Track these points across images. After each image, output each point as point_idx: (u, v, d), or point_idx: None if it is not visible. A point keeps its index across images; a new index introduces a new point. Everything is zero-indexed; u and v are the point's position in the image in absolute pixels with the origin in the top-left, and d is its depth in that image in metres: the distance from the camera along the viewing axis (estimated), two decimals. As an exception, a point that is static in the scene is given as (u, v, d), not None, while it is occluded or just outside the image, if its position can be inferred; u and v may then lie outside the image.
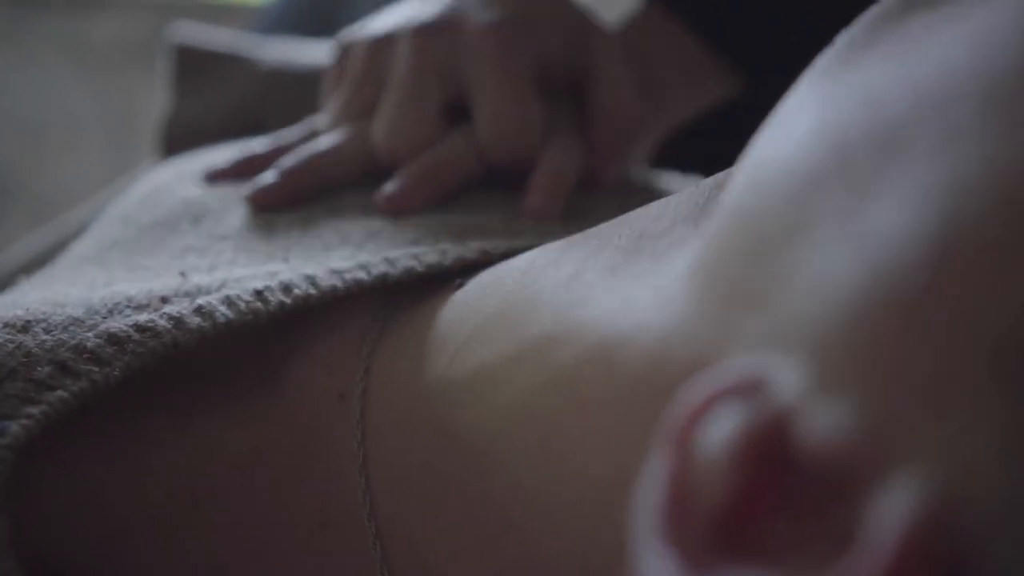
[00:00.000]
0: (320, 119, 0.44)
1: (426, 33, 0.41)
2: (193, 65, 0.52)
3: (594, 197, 0.41)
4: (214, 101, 0.52)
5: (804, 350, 0.17)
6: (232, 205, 0.38)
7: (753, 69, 0.50)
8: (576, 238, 0.28)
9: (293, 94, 0.51)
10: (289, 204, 0.38)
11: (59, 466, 0.29)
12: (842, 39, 0.22)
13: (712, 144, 0.37)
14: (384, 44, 0.42)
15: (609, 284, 0.24)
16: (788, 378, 0.17)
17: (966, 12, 0.19)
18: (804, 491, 0.16)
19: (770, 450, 0.16)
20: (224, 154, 0.42)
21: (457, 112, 0.41)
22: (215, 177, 0.40)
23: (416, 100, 0.40)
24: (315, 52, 0.54)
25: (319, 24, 0.84)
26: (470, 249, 0.33)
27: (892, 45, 0.20)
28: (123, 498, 0.29)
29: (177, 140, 0.51)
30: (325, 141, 0.40)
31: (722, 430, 0.16)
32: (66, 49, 1.75)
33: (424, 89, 0.40)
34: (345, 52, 0.44)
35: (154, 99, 0.55)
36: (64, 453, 0.29)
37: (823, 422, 0.16)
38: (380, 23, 0.43)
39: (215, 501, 0.30)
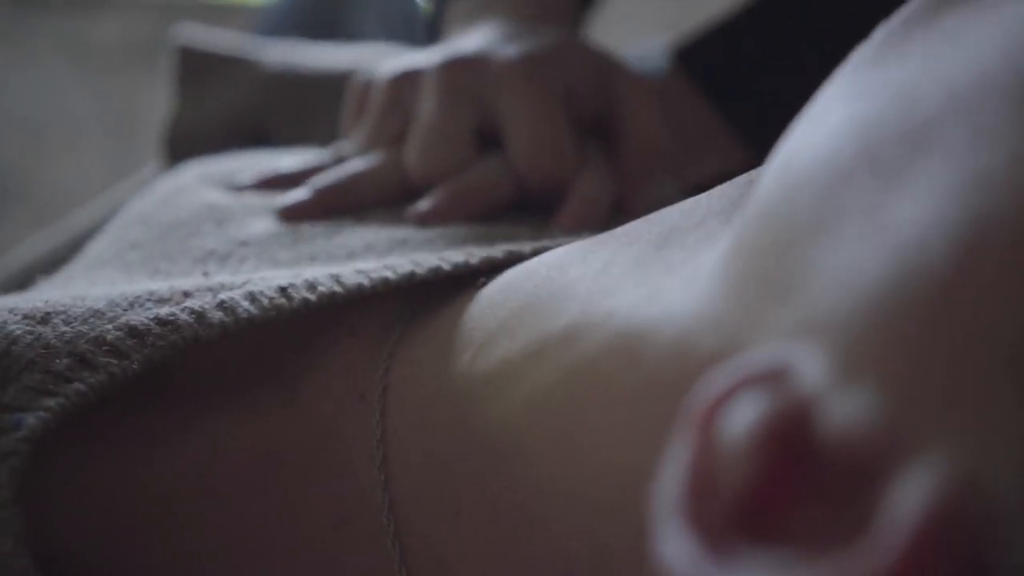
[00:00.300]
0: (346, 146, 0.44)
1: (455, 65, 0.41)
2: (196, 67, 0.52)
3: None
4: (217, 103, 0.52)
5: (828, 340, 0.17)
6: (255, 212, 0.38)
7: (762, 144, 0.51)
8: (605, 235, 0.28)
9: (296, 96, 0.51)
10: (318, 220, 0.38)
11: (72, 460, 0.29)
12: (878, 34, 0.22)
13: None
14: (409, 78, 0.42)
15: (638, 277, 0.25)
16: (811, 367, 0.17)
17: (999, 6, 0.19)
18: (825, 478, 0.16)
19: (792, 437, 0.16)
20: (244, 165, 0.42)
21: (486, 143, 0.41)
22: (239, 190, 0.40)
23: (449, 126, 0.41)
24: (318, 54, 0.54)
25: (320, 25, 0.84)
26: (497, 250, 0.33)
27: (926, 41, 0.20)
28: (136, 495, 0.29)
29: (180, 142, 0.51)
30: (358, 163, 0.41)
31: (745, 416, 0.16)
32: (66, 49, 1.75)
33: (456, 115, 0.41)
34: (365, 88, 0.44)
35: (155, 99, 0.55)
36: (78, 447, 0.29)
37: (845, 410, 0.16)
38: (402, 61, 0.44)
39: (229, 499, 0.30)
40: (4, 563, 0.25)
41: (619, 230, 0.28)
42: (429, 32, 0.60)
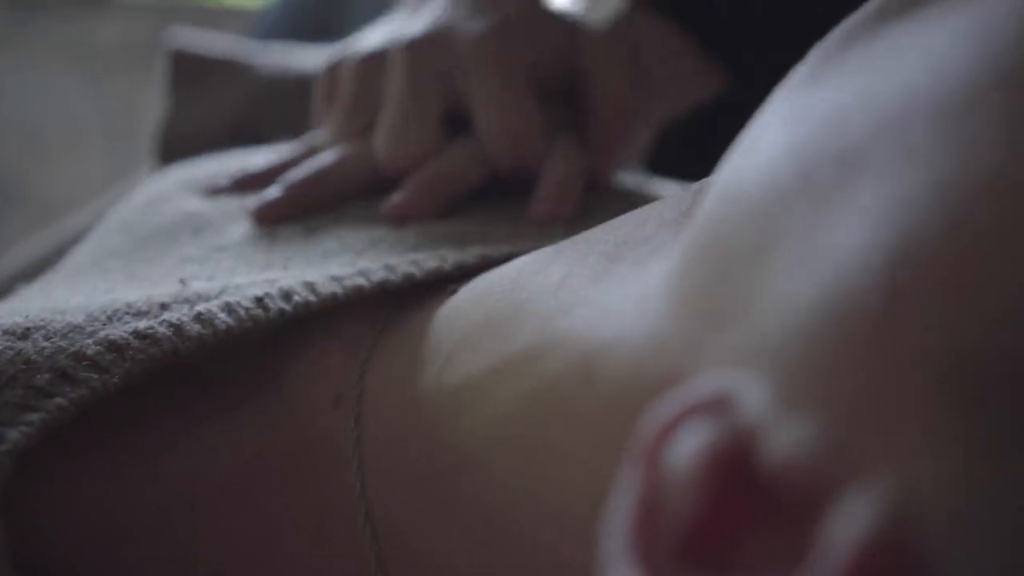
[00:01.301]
0: (317, 137, 0.44)
1: (418, 46, 0.41)
2: (190, 71, 0.52)
3: (599, 197, 0.41)
4: (211, 107, 0.52)
5: (769, 367, 0.17)
6: (233, 217, 0.38)
7: (739, 67, 0.51)
8: (566, 244, 0.28)
9: (291, 100, 0.51)
10: (292, 218, 0.38)
11: (56, 473, 0.29)
12: (814, 53, 0.22)
13: (704, 151, 0.37)
14: (375, 61, 0.42)
15: (591, 293, 0.25)
16: (753, 395, 0.17)
17: (929, 25, 0.19)
18: (768, 508, 0.16)
19: (735, 467, 0.16)
20: (223, 167, 0.42)
21: (456, 122, 0.41)
22: (215, 194, 0.40)
23: (416, 112, 0.40)
24: (313, 58, 0.54)
25: (315, 28, 0.85)
26: (470, 254, 0.33)
27: (860, 60, 0.20)
28: (121, 505, 0.29)
29: (174, 146, 0.51)
30: (328, 156, 0.41)
31: (689, 447, 0.16)
32: (66, 52, 1.75)
33: (423, 100, 0.40)
34: (333, 72, 0.44)
35: (154, 102, 0.55)
36: (62, 460, 0.29)
37: (785, 439, 0.16)
38: (367, 42, 0.43)
39: (213, 507, 0.30)
40: None
41: (578, 238, 0.28)
42: None
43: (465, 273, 0.32)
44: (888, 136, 0.17)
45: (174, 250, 0.36)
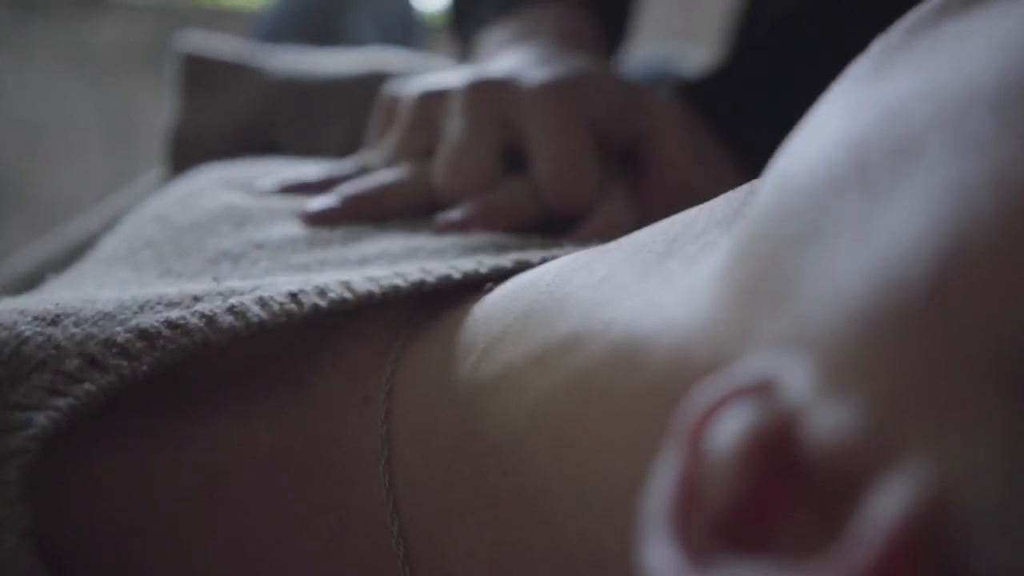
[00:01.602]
0: (371, 157, 0.44)
1: (483, 87, 0.42)
2: (200, 75, 0.52)
3: None
4: (221, 111, 0.52)
5: (814, 351, 0.17)
6: (278, 216, 0.38)
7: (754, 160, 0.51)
8: (610, 245, 0.28)
9: (301, 103, 0.51)
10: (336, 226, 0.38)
11: (80, 460, 0.29)
12: (876, 46, 0.22)
13: None
14: (437, 96, 0.43)
15: (639, 286, 0.25)
16: (798, 379, 0.17)
17: (992, 20, 0.19)
18: (809, 489, 0.16)
19: (777, 449, 0.16)
20: (264, 171, 0.42)
21: (512, 165, 0.42)
22: (262, 195, 0.41)
23: (476, 143, 0.41)
24: (322, 61, 0.54)
25: (317, 28, 0.85)
26: (507, 259, 0.33)
27: (920, 53, 0.20)
28: (142, 496, 0.29)
29: (184, 150, 0.51)
30: (386, 175, 0.41)
31: (732, 429, 0.17)
32: (66, 53, 1.75)
33: (484, 134, 0.41)
34: (393, 102, 0.45)
35: (154, 103, 0.55)
36: (85, 447, 0.29)
37: (828, 422, 0.16)
38: (432, 80, 0.44)
39: (234, 502, 0.30)
40: (8, 560, 0.25)
41: (623, 240, 0.28)
42: (458, 44, 0.60)
43: (501, 277, 0.32)
44: (945, 125, 0.18)
45: (211, 243, 0.36)
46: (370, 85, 0.52)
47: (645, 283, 0.25)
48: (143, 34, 1.73)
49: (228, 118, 0.51)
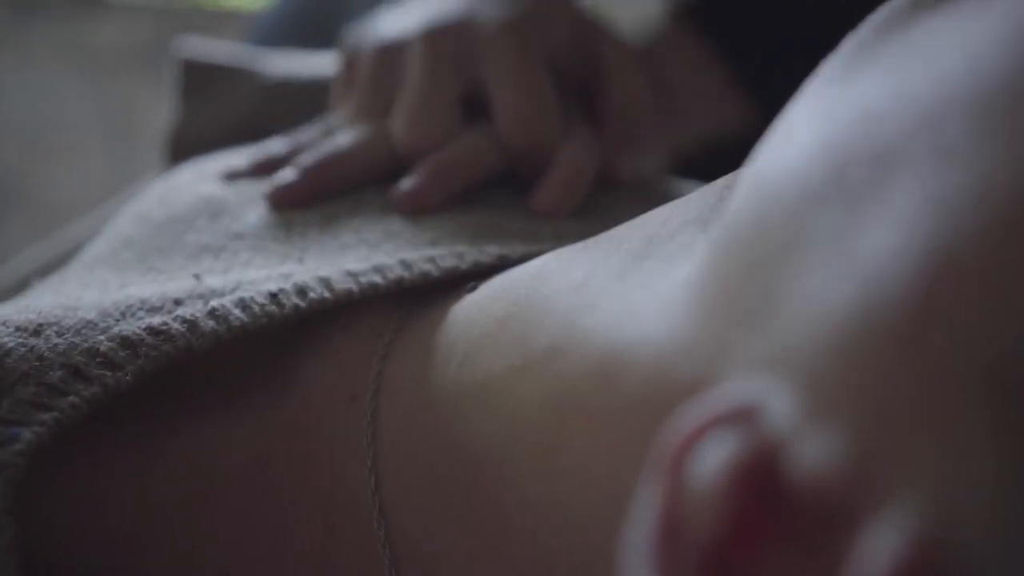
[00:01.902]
0: (335, 120, 0.44)
1: (439, 33, 0.41)
2: (199, 79, 0.52)
3: (612, 195, 0.41)
4: (220, 114, 0.52)
5: (796, 376, 0.16)
6: (252, 201, 0.38)
7: (771, 96, 0.51)
8: (589, 242, 0.28)
9: (299, 106, 0.51)
10: (309, 202, 0.38)
11: (64, 470, 0.29)
12: (847, 44, 0.21)
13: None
14: (394, 48, 0.42)
15: (616, 291, 0.24)
16: (780, 405, 0.16)
17: (967, 17, 0.19)
18: (795, 523, 0.16)
19: (760, 481, 0.16)
20: (242, 155, 0.42)
21: (473, 110, 0.41)
22: (233, 177, 0.40)
23: (434, 96, 0.40)
24: (320, 64, 0.54)
25: (313, 31, 0.84)
26: (487, 254, 0.33)
27: (894, 52, 0.20)
28: (127, 503, 0.29)
29: (183, 153, 0.51)
30: (345, 139, 0.40)
31: (713, 459, 0.16)
32: (65, 53, 1.74)
33: (441, 84, 0.40)
34: (353, 57, 0.44)
35: (154, 104, 0.55)
36: (69, 456, 0.29)
37: (813, 452, 0.16)
38: (386, 28, 0.43)
39: (222, 505, 0.30)
40: None
41: (602, 236, 0.28)
42: None
43: (482, 271, 0.32)
44: (924, 134, 0.17)
45: (190, 238, 0.36)
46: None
47: (623, 285, 0.24)
48: (143, 35, 1.72)
49: (226, 121, 0.51)
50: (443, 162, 0.39)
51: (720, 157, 0.51)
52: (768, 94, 0.51)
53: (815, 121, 0.20)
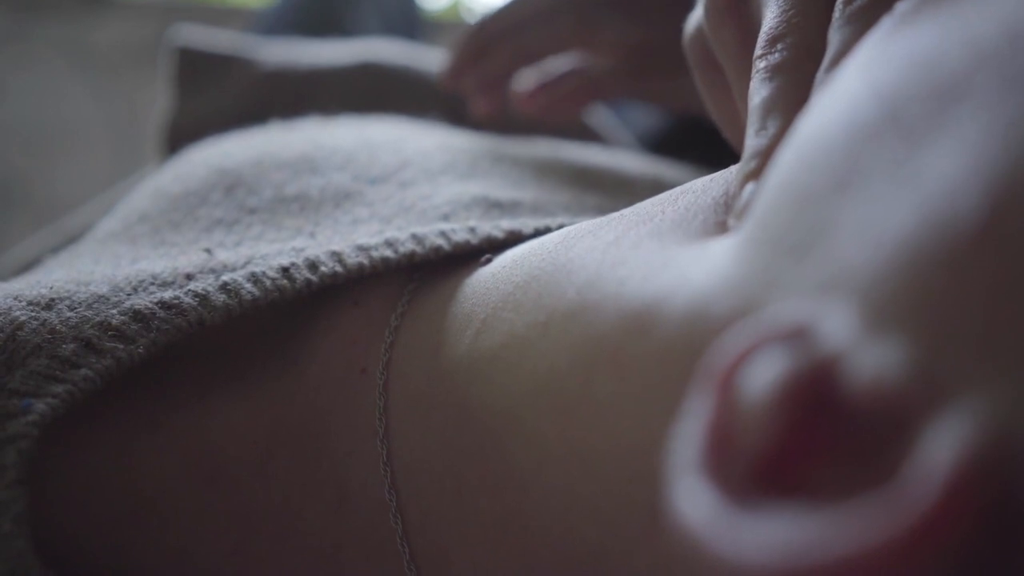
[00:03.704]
0: None
1: None
2: (195, 67, 0.52)
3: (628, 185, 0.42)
4: (215, 103, 0.52)
5: (854, 294, 0.17)
6: (266, 175, 0.38)
7: None
8: (614, 215, 0.28)
9: (294, 94, 0.51)
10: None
11: (73, 444, 0.29)
12: (899, 7, 0.22)
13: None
14: None
15: (651, 248, 0.25)
16: (836, 323, 0.17)
17: None
18: (851, 432, 0.16)
19: (816, 393, 0.16)
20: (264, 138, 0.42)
21: None
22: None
23: None
24: (315, 51, 0.54)
25: (319, 24, 0.84)
26: (499, 228, 0.33)
27: (942, 10, 0.20)
28: (137, 478, 0.29)
29: (178, 142, 0.52)
30: None
31: (767, 374, 0.16)
32: (68, 52, 1.75)
33: None
34: None
35: (157, 102, 0.55)
36: (79, 430, 0.29)
37: (873, 363, 0.16)
38: None
39: (232, 480, 0.30)
40: (1, 545, 0.25)
41: (626, 210, 0.28)
42: None
43: (495, 246, 0.32)
44: (988, 68, 0.18)
45: (204, 211, 0.36)
46: (363, 75, 0.52)
47: (658, 245, 0.24)
48: (146, 32, 1.73)
49: (222, 109, 0.51)
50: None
51: None
52: None
53: (861, 75, 0.21)
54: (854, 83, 0.21)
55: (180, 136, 0.52)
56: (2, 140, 1.75)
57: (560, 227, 0.32)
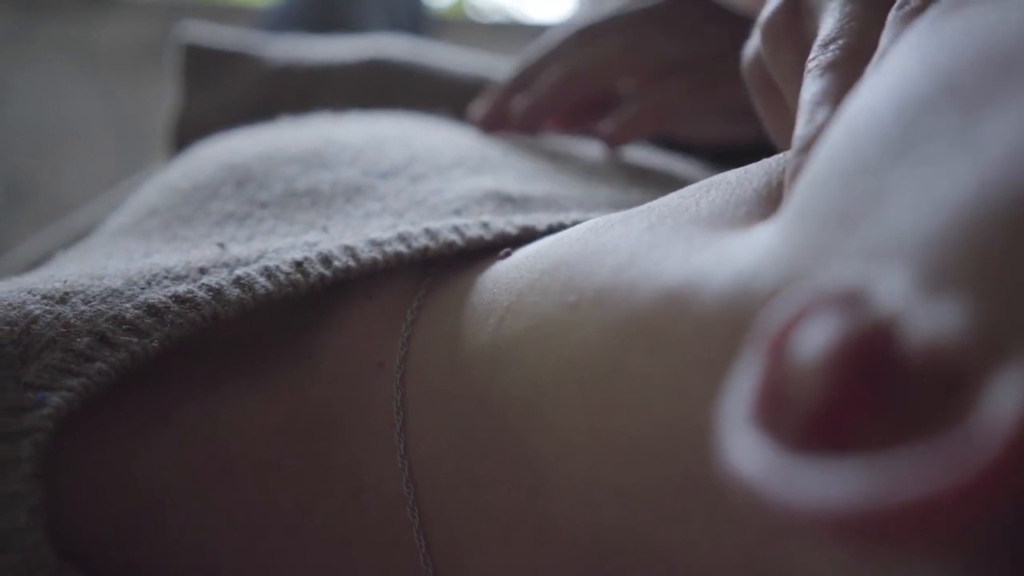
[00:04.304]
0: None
1: None
2: (202, 63, 0.52)
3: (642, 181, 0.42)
4: (223, 99, 0.52)
5: (910, 258, 0.17)
6: (276, 169, 0.38)
7: None
8: (640, 208, 0.28)
9: (302, 89, 0.51)
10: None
11: (88, 438, 0.29)
12: (932, 9, 0.22)
13: None
14: None
15: (688, 231, 0.24)
16: (891, 285, 0.17)
17: None
18: (906, 390, 0.16)
19: (871, 353, 0.16)
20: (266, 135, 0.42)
21: None
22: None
23: None
24: (322, 48, 0.54)
25: (324, 22, 0.84)
26: (513, 224, 0.33)
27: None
28: (151, 472, 0.29)
29: (186, 137, 0.51)
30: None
31: (820, 336, 0.16)
32: (73, 51, 1.75)
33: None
34: None
35: (162, 100, 0.55)
36: (93, 424, 0.29)
37: (931, 324, 0.16)
38: None
39: (248, 473, 0.30)
40: (17, 537, 0.25)
41: (652, 204, 0.28)
42: None
43: (508, 242, 0.32)
44: None
45: (215, 205, 0.36)
46: (370, 72, 0.52)
47: (696, 228, 0.24)
48: (150, 31, 1.73)
49: (229, 106, 0.51)
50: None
51: None
52: None
53: (912, 52, 0.21)
54: (906, 60, 0.21)
55: (187, 132, 0.52)
56: (7, 139, 1.75)
57: (575, 223, 0.31)
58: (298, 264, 0.30)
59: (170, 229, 0.35)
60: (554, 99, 0.47)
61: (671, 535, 0.22)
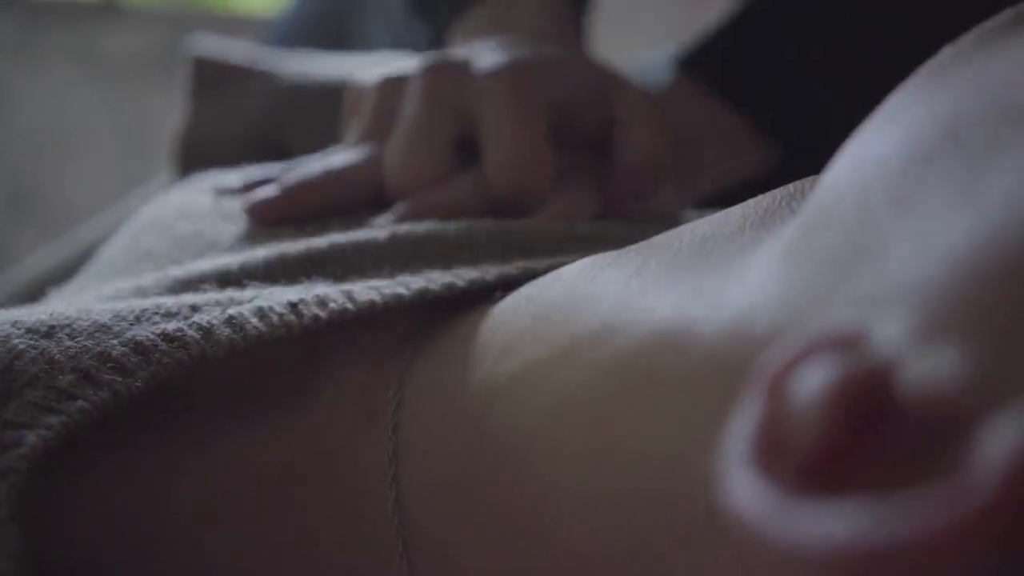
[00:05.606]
0: (336, 151, 0.43)
1: (437, 71, 0.40)
2: (211, 78, 0.52)
3: (610, 223, 0.41)
4: (232, 114, 0.52)
5: (909, 304, 0.17)
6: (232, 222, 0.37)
7: (788, 137, 0.51)
8: (629, 249, 0.28)
9: (311, 108, 0.51)
10: (287, 218, 0.37)
11: (79, 477, 0.29)
12: (948, 49, 0.23)
13: None
14: (394, 83, 0.42)
15: (677, 277, 0.24)
16: (889, 331, 0.17)
17: None
18: (903, 434, 0.16)
19: (868, 397, 0.16)
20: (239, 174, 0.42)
21: (468, 152, 0.41)
22: (225, 193, 0.40)
23: (427, 135, 0.40)
24: (332, 65, 0.54)
25: (329, 35, 0.85)
26: (513, 266, 0.33)
27: (1006, 49, 0.21)
28: (145, 513, 0.29)
29: (193, 154, 0.51)
30: (336, 160, 0.40)
31: (818, 378, 0.17)
32: (79, 60, 1.76)
33: (435, 124, 0.40)
34: (358, 94, 0.44)
35: (167, 110, 0.55)
36: (84, 463, 0.29)
37: (926, 367, 0.16)
38: (390, 67, 0.43)
39: (240, 517, 0.29)
40: None
41: (645, 243, 0.27)
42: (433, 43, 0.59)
43: (507, 284, 0.31)
44: None
45: (212, 254, 0.35)
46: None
47: (684, 274, 0.24)
48: (156, 41, 1.73)
49: (238, 122, 0.51)
50: (428, 202, 0.38)
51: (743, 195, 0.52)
52: (784, 135, 0.51)
53: (922, 99, 0.21)
54: (914, 108, 0.21)
55: (194, 147, 0.51)
56: (12, 147, 1.75)
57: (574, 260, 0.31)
58: (293, 305, 0.30)
59: (164, 271, 0.35)
60: None
61: None
